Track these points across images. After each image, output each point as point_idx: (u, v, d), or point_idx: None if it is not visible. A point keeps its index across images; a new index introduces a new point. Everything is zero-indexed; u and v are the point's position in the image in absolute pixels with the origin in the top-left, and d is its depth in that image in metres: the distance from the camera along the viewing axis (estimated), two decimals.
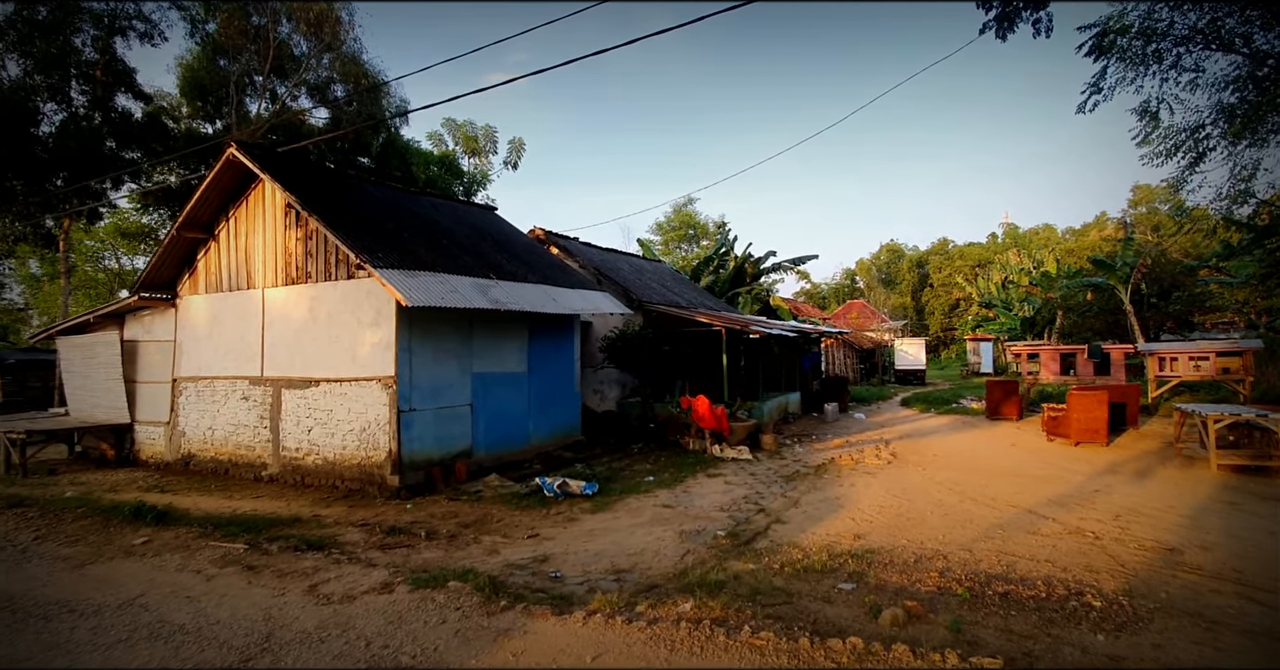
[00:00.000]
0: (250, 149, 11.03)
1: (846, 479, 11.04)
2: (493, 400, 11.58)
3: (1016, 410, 18.57)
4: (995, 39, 12.26)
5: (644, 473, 11.51)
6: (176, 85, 26.67)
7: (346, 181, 12.31)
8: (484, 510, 8.82)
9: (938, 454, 13.43)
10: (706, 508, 8.93)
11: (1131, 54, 15.36)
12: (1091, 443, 14.03)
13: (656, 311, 16.04)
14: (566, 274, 14.35)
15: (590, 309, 13.11)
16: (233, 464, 11.67)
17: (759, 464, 12.40)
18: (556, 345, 13.35)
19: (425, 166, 31.50)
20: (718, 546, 7.13)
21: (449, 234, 12.66)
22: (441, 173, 34.59)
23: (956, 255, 72.85)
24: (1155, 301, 37.04)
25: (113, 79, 23.85)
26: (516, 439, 12.10)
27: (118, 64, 23.93)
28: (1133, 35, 15.01)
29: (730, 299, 31.04)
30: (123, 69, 24.23)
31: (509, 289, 11.46)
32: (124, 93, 24.62)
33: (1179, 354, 18.99)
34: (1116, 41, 15.22)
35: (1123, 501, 9.25)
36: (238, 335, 11.74)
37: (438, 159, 35.79)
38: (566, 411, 13.53)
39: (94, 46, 21.46)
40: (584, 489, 9.59)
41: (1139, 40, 15.34)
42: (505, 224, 15.76)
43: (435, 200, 14.48)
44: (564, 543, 7.32)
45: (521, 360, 12.33)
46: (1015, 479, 10.81)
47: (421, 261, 10.33)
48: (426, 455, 10.14)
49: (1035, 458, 12.74)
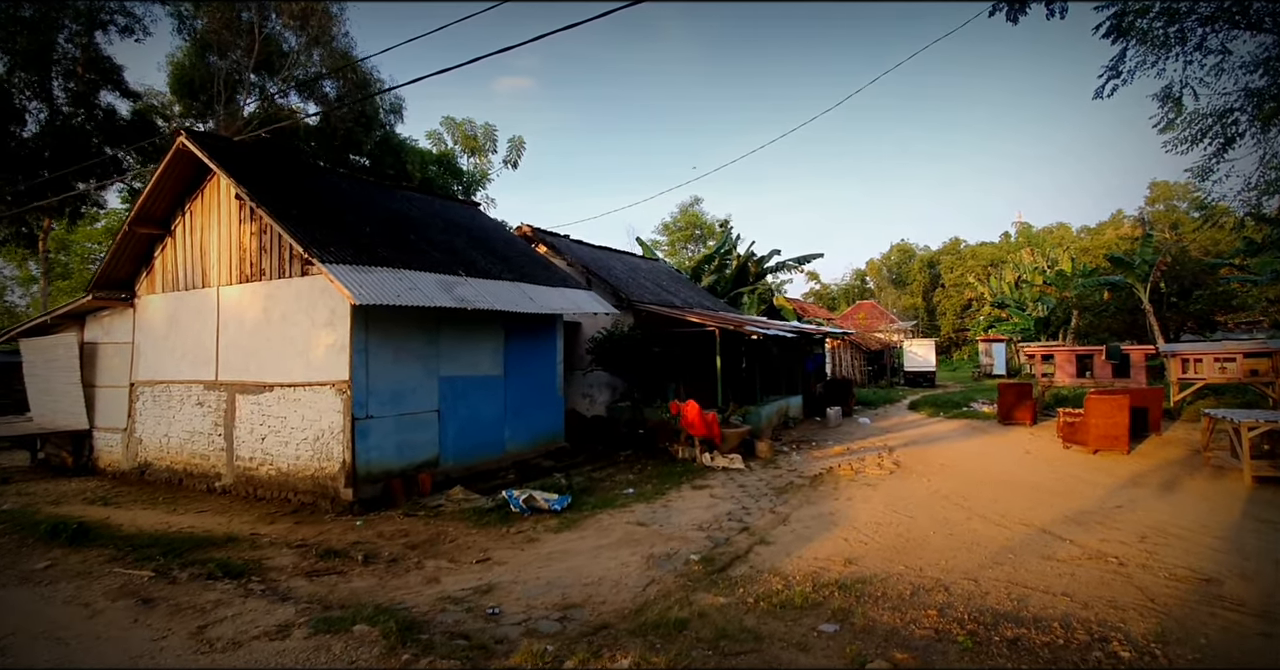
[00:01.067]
0: (201, 138, 10.33)
1: (844, 491, 10.18)
2: (463, 406, 10.80)
3: (1030, 415, 17.60)
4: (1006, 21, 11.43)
5: (624, 484, 10.69)
6: (166, 83, 26.20)
7: (310, 174, 11.59)
8: (439, 528, 8.03)
9: (945, 463, 12.52)
10: (684, 526, 8.10)
11: (1153, 36, 14.41)
12: (1111, 451, 13.07)
13: (646, 311, 15.22)
14: (549, 272, 13.56)
15: (572, 308, 12.32)
16: (187, 474, 10.96)
17: (751, 474, 11.55)
18: (536, 347, 12.56)
19: (422, 166, 30.82)
20: (688, 574, 6.30)
21: (420, 229, 11.91)
22: (441, 172, 33.95)
23: (969, 255, 71.59)
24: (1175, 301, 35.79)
25: (98, 76, 23.34)
26: (490, 447, 11.31)
27: (104, 61, 23.42)
28: (1154, 15, 14.06)
29: (733, 299, 30.17)
30: (109, 66, 23.72)
31: (480, 287, 10.68)
32: (111, 90, 24.13)
33: (1203, 355, 17.98)
34: (1136, 22, 14.29)
35: (1149, 519, 8.34)
36: (194, 337, 11.04)
37: (436, 158, 35.15)
38: (547, 417, 12.73)
39: (74, 42, 20.91)
40: (552, 504, 8.78)
41: (1160, 20, 14.40)
42: (487, 220, 15.00)
43: (410, 194, 13.74)
44: (516, 568, 6.51)
45: (496, 363, 11.55)
46: (1028, 492, 9.90)
47: (380, 257, 9.57)
48: (385, 466, 9.36)
49: (1050, 467, 11.81)
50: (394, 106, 29.34)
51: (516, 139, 38.82)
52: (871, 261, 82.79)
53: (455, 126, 38.15)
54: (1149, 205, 65.00)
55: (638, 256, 22.72)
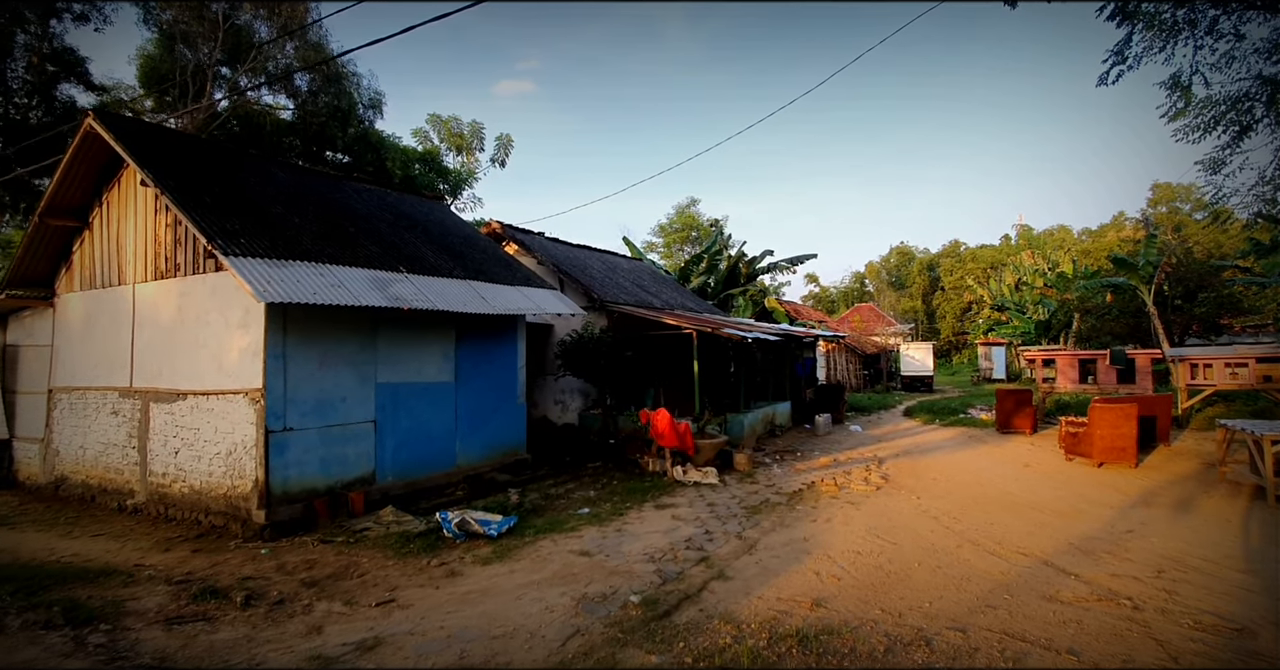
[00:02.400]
0: (111, 120, 9.36)
1: (824, 511, 9.17)
2: (406, 415, 9.80)
3: (1030, 423, 16.59)
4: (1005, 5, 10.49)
5: (581, 502, 9.68)
6: (136, 77, 25.26)
7: (244, 164, 10.60)
8: (352, 558, 7.02)
9: (937, 477, 11.51)
10: (634, 555, 7.09)
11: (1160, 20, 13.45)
12: (1118, 463, 12.07)
13: (619, 312, 14.23)
14: (510, 270, 12.57)
15: (532, 309, 11.33)
16: (101, 490, 9.97)
17: (724, 490, 10.53)
18: (494, 350, 11.56)
19: (404, 163, 29.82)
20: (622, 622, 5.29)
21: (365, 222, 10.93)
22: (426, 171, 32.99)
23: (969, 257, 70.59)
24: (1179, 303, 34.78)
25: (60, 68, 22.39)
26: (438, 460, 10.31)
27: (66, 53, 22.47)
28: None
29: (724, 301, 29.19)
30: (72, 58, 22.77)
31: (423, 285, 9.70)
32: (73, 83, 23.17)
33: (1213, 360, 16.95)
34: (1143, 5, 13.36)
35: (1164, 547, 7.33)
36: (110, 339, 10.05)
37: (420, 156, 34.19)
38: (507, 427, 11.73)
39: (27, 31, 19.93)
40: (490, 528, 7.77)
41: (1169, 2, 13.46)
42: (449, 216, 14.01)
43: (362, 187, 12.76)
44: (420, 614, 5.50)
45: (446, 368, 10.56)
46: (1027, 513, 8.88)
47: (304, 250, 8.59)
48: (307, 484, 8.36)
49: (1052, 483, 10.80)
50: (373, 101, 28.38)
51: (504, 137, 37.88)
52: (871, 264, 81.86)
53: (441, 124, 37.23)
54: (1151, 207, 64.15)
55: (619, 256, 21.73)
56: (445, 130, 37.81)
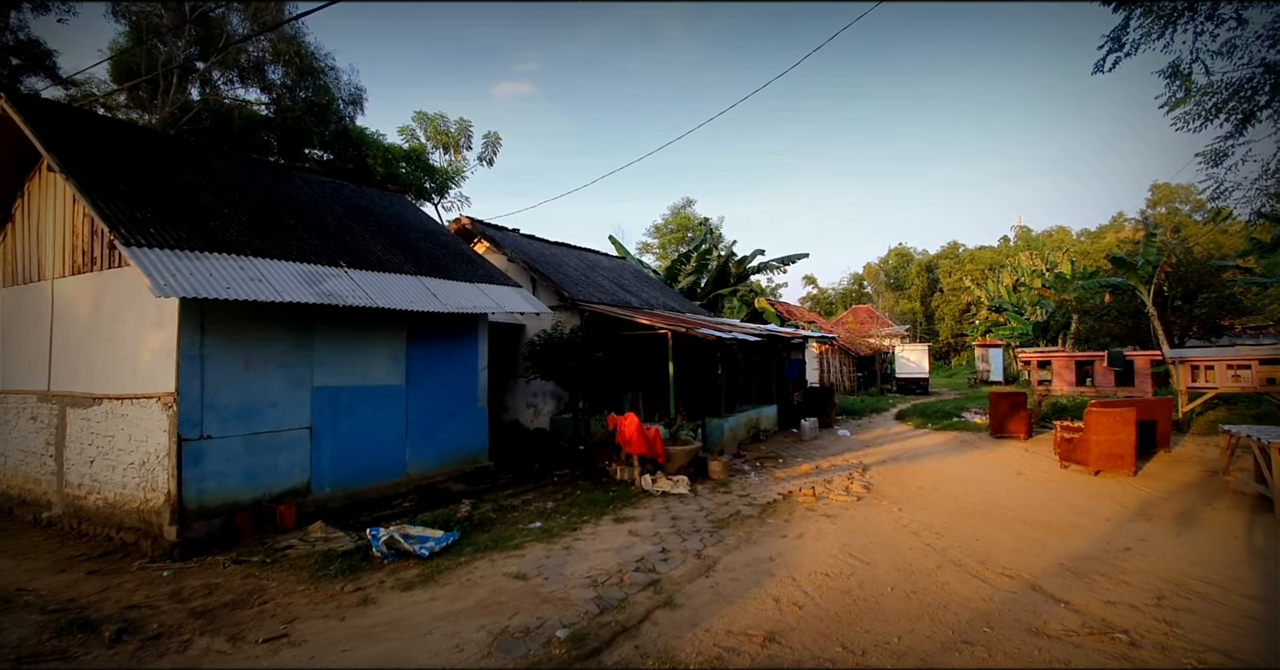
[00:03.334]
0: (24, 102, 8.67)
1: (796, 525, 8.46)
2: (348, 421, 9.10)
3: (1025, 427, 15.88)
4: None
5: (536, 515, 8.97)
6: (108, 71, 24.59)
7: (178, 150, 9.90)
8: (260, 582, 6.31)
9: (924, 485, 10.81)
10: (575, 579, 6.38)
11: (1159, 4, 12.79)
12: (1115, 471, 11.37)
13: (590, 311, 13.52)
14: (472, 267, 11.87)
15: (491, 307, 10.62)
16: (20, 501, 9.26)
17: (693, 501, 9.82)
18: (453, 351, 10.86)
19: (385, 161, 29.10)
20: (539, 664, 4.59)
21: (310, 214, 10.23)
22: (414, 170, 32.31)
23: (967, 259, 69.95)
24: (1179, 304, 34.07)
25: (26, 60, 21.74)
26: (384, 469, 9.60)
27: (33, 45, 21.82)
28: None
29: (713, 301, 28.50)
30: (39, 51, 22.13)
31: (366, 280, 9.00)
32: (40, 76, 22.51)
33: (1215, 362, 16.27)
34: None
35: (1165, 568, 6.63)
36: (31, 338, 9.36)
37: (405, 153, 33.51)
38: (465, 432, 11.02)
39: None
40: (423, 547, 7.06)
41: None
42: (411, 210, 13.31)
43: (315, 178, 12.05)
44: (310, 653, 4.79)
45: (396, 370, 9.85)
46: (1017, 527, 8.18)
47: (226, 242, 7.89)
48: (229, 497, 7.66)
49: (1044, 493, 10.09)
50: (354, 97, 27.71)
51: (492, 134, 37.23)
52: (869, 265, 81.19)
53: (427, 121, 36.60)
54: (1151, 208, 63.52)
55: (601, 254, 21.03)
56: (431, 128, 37.17)
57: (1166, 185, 61.34)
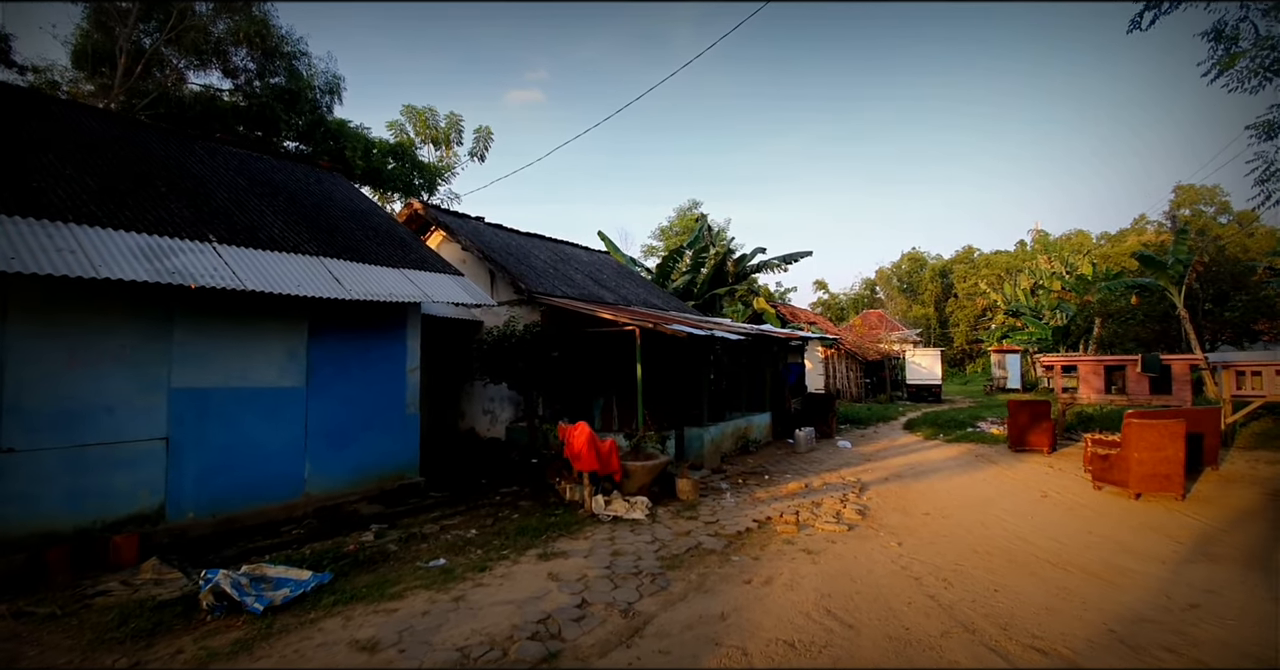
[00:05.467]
0: None
1: (768, 564, 6.74)
2: (222, 430, 7.48)
3: (1048, 440, 14.05)
4: None
5: (446, 548, 7.29)
6: (70, 56, 23.36)
7: (38, 108, 8.37)
8: (18, 647, 4.67)
9: (931, 510, 9.04)
10: (442, 651, 4.68)
11: None
12: (1160, 494, 9.56)
13: (549, 305, 11.85)
14: (404, 251, 10.24)
15: (415, 296, 8.96)
16: None
17: (648, 529, 8.11)
18: (372, 348, 9.23)
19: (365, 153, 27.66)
20: None
21: (194, 183, 8.66)
22: (403, 166, 30.89)
23: (982, 263, 67.85)
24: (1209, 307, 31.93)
25: None
26: (274, 489, 7.97)
27: None
28: None
29: (710, 301, 26.76)
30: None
31: (241, 258, 7.38)
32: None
33: (1263, 367, 14.38)
34: None
35: (1248, 636, 4.85)
36: None
37: (391, 148, 32.06)
38: (389, 444, 9.37)
39: None
40: (259, 600, 5.39)
41: None
42: (342, 189, 11.68)
43: (222, 148, 10.39)
44: None
45: (292, 369, 8.23)
46: (1047, 571, 6.40)
47: (44, 205, 6.30)
48: (39, 526, 6.06)
49: (1078, 522, 8.29)
50: (331, 86, 26.31)
51: (483, 129, 35.70)
52: (881, 270, 79.11)
53: (416, 115, 35.22)
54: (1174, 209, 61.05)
55: (580, 247, 19.36)
56: (420, 122, 35.77)
57: (1190, 186, 58.89)
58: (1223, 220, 55.00)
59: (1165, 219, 58.90)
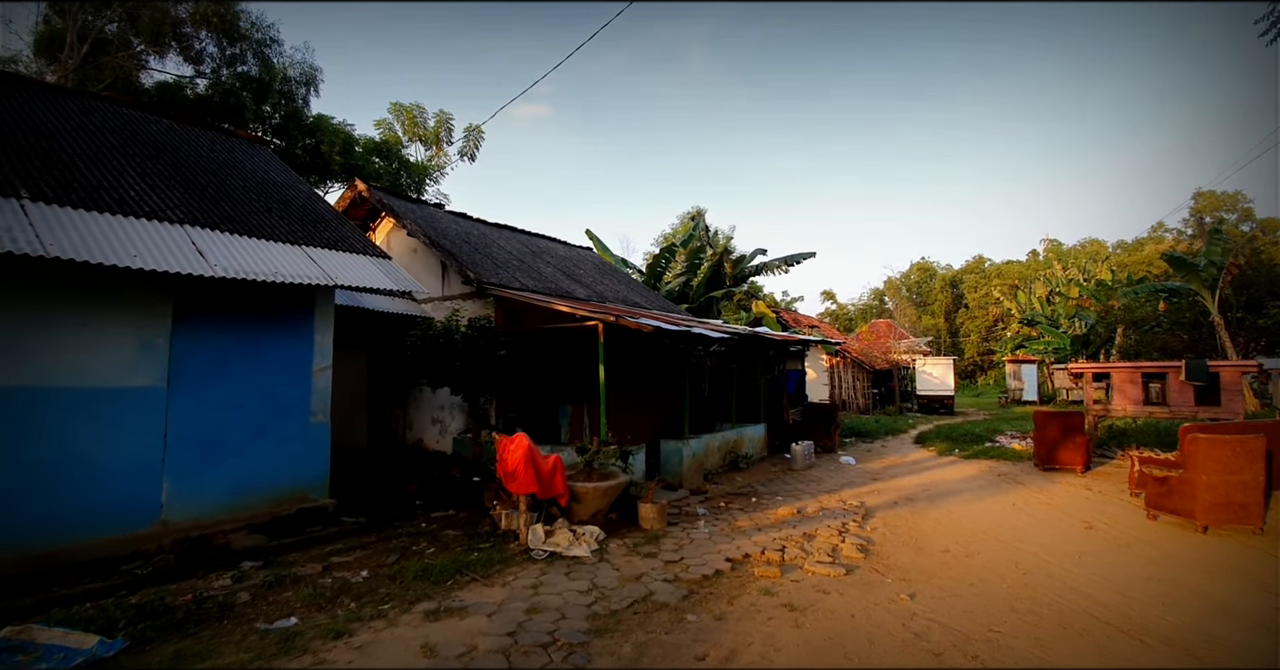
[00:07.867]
0: None
1: (733, 628, 4.99)
2: (33, 442, 5.83)
3: (1083, 457, 12.21)
4: None
5: (313, 598, 5.56)
6: (31, 46, 22.11)
7: None
8: None
9: (950, 547, 7.26)
10: None
11: None
12: (1234, 526, 7.74)
13: (500, 296, 10.16)
14: (318, 229, 8.59)
15: (317, 277, 7.31)
16: None
17: (590, 571, 6.36)
18: (263, 341, 7.57)
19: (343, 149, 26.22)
20: None
21: (37, 138, 7.04)
22: (386, 164, 29.47)
23: (994, 273, 65.83)
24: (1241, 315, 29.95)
25: None
26: (117, 516, 6.29)
27: None
28: None
29: (706, 304, 25.05)
30: None
31: (60, 219, 5.75)
32: None
33: None
34: None
35: None
36: None
37: (375, 145, 30.64)
38: (286, 458, 7.68)
39: None
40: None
41: None
42: (253, 159, 9.94)
43: (98, 106, 8.72)
44: None
45: (147, 365, 6.57)
46: (1116, 642, 4.60)
47: None
48: None
49: (1139, 565, 6.48)
50: (306, 77, 24.93)
51: (474, 127, 34.36)
52: (890, 280, 77.14)
53: (404, 112, 33.87)
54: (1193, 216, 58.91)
55: (559, 241, 17.68)
56: (408, 120, 34.41)
57: (1211, 192, 56.76)
58: (1245, 228, 52.83)
59: (1185, 226, 56.89)
